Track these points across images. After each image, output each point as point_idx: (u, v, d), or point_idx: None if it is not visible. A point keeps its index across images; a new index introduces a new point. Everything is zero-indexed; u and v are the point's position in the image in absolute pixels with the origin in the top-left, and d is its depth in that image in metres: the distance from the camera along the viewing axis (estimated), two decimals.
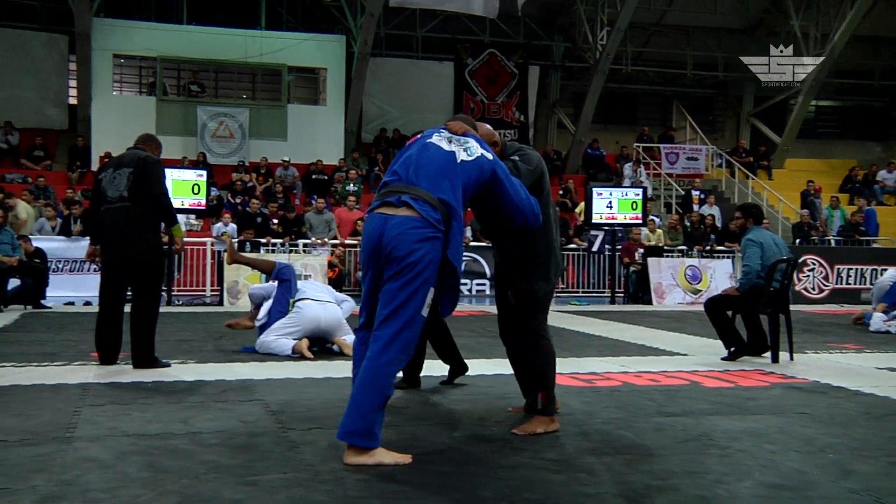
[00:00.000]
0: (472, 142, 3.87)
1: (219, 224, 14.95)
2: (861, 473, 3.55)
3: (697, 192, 19.92)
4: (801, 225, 18.13)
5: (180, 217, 8.90)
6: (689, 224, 17.19)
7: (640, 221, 14.38)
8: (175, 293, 12.92)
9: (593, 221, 14.24)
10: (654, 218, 17.08)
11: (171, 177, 10.80)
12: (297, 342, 6.83)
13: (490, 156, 3.89)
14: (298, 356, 6.70)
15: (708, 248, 16.25)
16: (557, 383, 4.41)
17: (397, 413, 4.56)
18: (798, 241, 17.37)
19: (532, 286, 4.23)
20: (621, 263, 14.89)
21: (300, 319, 6.95)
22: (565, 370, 5.93)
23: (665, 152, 22.08)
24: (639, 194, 14.30)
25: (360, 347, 3.78)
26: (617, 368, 6.48)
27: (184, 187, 11.94)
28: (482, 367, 6.42)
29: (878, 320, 9.94)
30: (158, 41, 20.04)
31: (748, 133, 25.04)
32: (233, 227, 14.80)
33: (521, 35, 23.18)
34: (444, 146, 3.80)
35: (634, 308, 13.41)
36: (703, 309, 7.59)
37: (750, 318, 7.30)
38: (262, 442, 3.90)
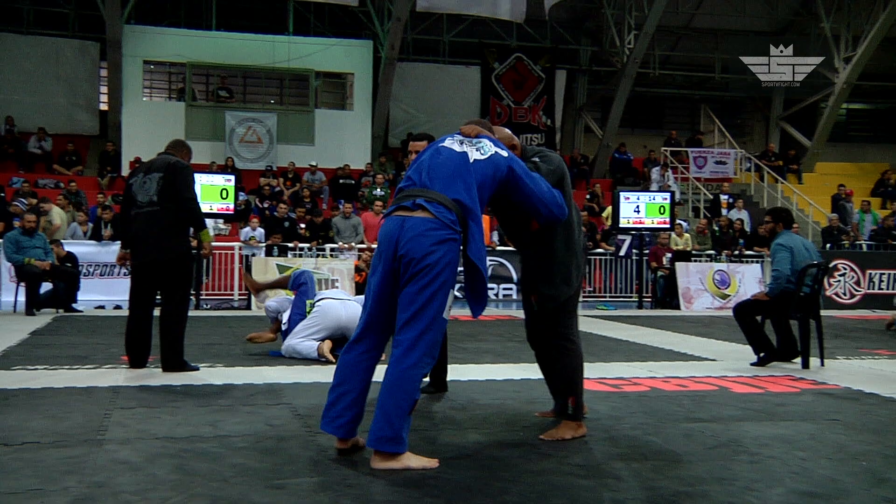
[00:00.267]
0: (484, 141, 3.87)
1: (247, 228, 15.05)
2: (895, 481, 3.49)
3: (726, 197, 19.75)
4: (831, 229, 17.93)
5: (209, 222, 8.97)
6: (717, 228, 17.06)
7: (668, 226, 14.30)
8: (203, 297, 13.02)
9: (620, 226, 14.18)
10: (682, 222, 16.97)
11: (199, 182, 10.87)
12: (321, 344, 6.85)
13: (505, 153, 3.87)
14: (325, 359, 6.73)
15: (737, 252, 16.12)
16: (585, 388, 4.39)
17: (424, 417, 4.56)
18: (828, 245, 17.19)
19: (554, 291, 4.21)
20: (649, 268, 14.80)
21: (321, 318, 6.98)
22: (593, 375, 5.90)
23: (693, 156, 21.93)
24: (666, 198, 14.22)
25: (348, 361, 3.68)
26: (645, 373, 6.44)
27: (212, 192, 12.04)
28: (509, 371, 6.41)
29: None
30: (188, 47, 20.27)
31: (777, 137, 24.81)
32: (260, 231, 14.89)
33: (547, 39, 23.16)
34: (456, 148, 3.80)
35: (662, 313, 13.32)
36: (731, 314, 7.52)
37: (780, 324, 7.23)
38: (289, 446, 3.91)
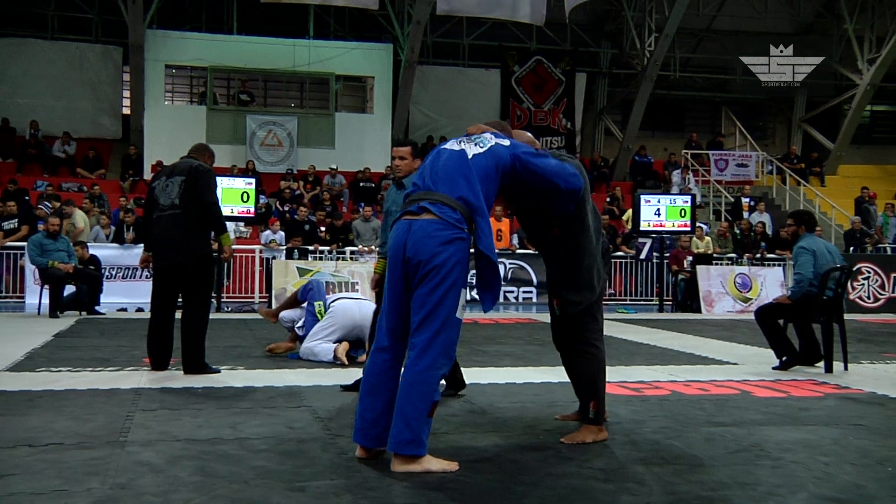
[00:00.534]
0: (485, 136, 3.88)
1: (267, 232, 15.12)
2: None
3: (747, 200, 19.62)
4: (854, 232, 17.76)
5: (229, 225, 9.01)
6: (738, 231, 16.96)
7: (689, 229, 14.22)
8: (224, 300, 13.09)
9: (641, 229, 14.12)
10: (702, 225, 16.88)
11: (220, 185, 10.89)
12: (337, 346, 6.87)
13: (506, 142, 3.87)
14: (340, 362, 6.74)
15: (758, 255, 16.00)
16: (605, 392, 4.38)
17: (444, 420, 4.56)
18: (852, 248, 17.03)
19: (576, 296, 4.20)
20: (669, 271, 14.73)
21: (336, 319, 7.01)
22: (613, 378, 5.87)
23: (714, 159, 21.81)
24: (687, 201, 14.14)
25: (373, 370, 3.69)
26: (665, 377, 6.41)
27: (233, 195, 12.10)
28: (529, 375, 6.40)
29: None
30: (209, 51, 20.40)
31: (800, 139, 24.61)
32: (281, 234, 14.95)
33: (567, 42, 23.11)
34: (455, 147, 3.83)
35: (683, 316, 13.24)
36: (753, 317, 7.47)
37: (802, 327, 7.17)
38: (310, 448, 3.93)
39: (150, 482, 3.30)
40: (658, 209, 13.87)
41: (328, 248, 14.72)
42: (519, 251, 15.05)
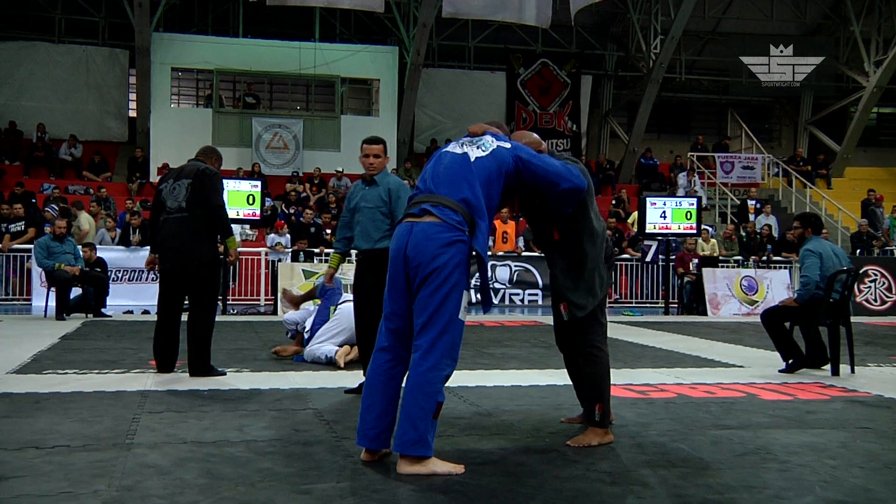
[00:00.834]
0: (486, 138, 3.89)
1: (273, 234, 15.14)
2: None
3: (753, 202, 19.59)
4: (861, 234, 17.72)
5: (235, 227, 9.03)
6: (744, 234, 16.93)
7: (695, 231, 14.20)
8: (230, 302, 13.11)
9: (647, 231, 14.10)
10: (707, 228, 16.85)
11: (226, 187, 10.92)
12: (339, 350, 6.86)
13: (508, 145, 3.88)
14: (336, 365, 6.72)
15: (764, 258, 15.97)
16: (611, 395, 4.37)
17: (450, 423, 4.55)
18: (858, 251, 16.98)
19: (582, 300, 4.20)
20: (675, 274, 14.71)
21: (341, 321, 7.01)
22: (619, 381, 5.86)
23: (720, 161, 21.78)
24: (693, 204, 14.12)
25: (375, 372, 3.72)
26: (671, 380, 6.40)
27: (239, 198, 12.11)
28: (535, 377, 6.40)
29: None
30: (215, 54, 20.46)
31: (806, 141, 24.57)
32: (287, 237, 14.97)
33: (573, 44, 23.11)
34: (458, 150, 3.84)
35: (689, 319, 13.22)
36: (759, 320, 7.45)
37: (809, 330, 7.15)
38: (316, 451, 3.93)
39: (156, 484, 3.31)
40: (664, 212, 13.85)
41: None
42: (525, 253, 15.04)
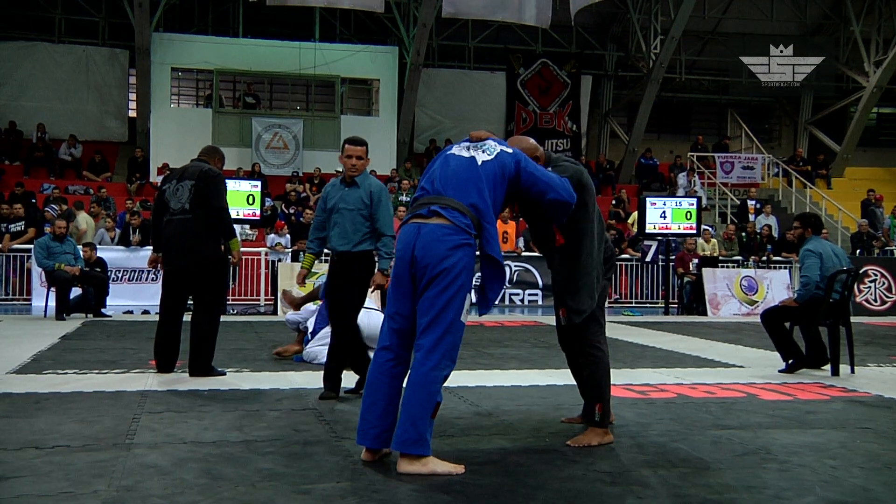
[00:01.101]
0: (489, 143, 3.92)
1: (273, 234, 15.13)
2: None
3: (753, 202, 19.59)
4: (861, 234, 17.72)
5: (235, 228, 9.00)
6: (744, 234, 16.93)
7: (695, 231, 14.20)
8: (230, 303, 13.10)
9: (647, 231, 14.10)
10: (708, 228, 16.85)
11: (228, 188, 10.97)
12: None
13: (510, 150, 3.92)
14: None
15: (764, 258, 15.97)
16: (611, 395, 4.37)
17: (450, 423, 4.56)
18: (858, 251, 16.98)
19: (580, 305, 4.21)
20: (675, 274, 14.70)
21: None
22: (619, 381, 5.86)
23: (720, 161, 21.78)
24: (693, 204, 14.12)
25: (376, 371, 3.73)
26: (671, 380, 6.40)
27: (239, 198, 12.11)
28: (535, 377, 6.40)
29: None
30: (215, 54, 20.46)
31: (806, 141, 24.57)
32: (287, 237, 14.97)
33: (573, 45, 23.11)
34: (465, 154, 3.86)
35: (689, 319, 13.22)
36: (759, 320, 7.45)
37: (809, 330, 7.15)
38: (316, 451, 3.93)
39: (156, 484, 3.31)
40: (664, 212, 13.85)
41: None
42: (524, 254, 15.04)
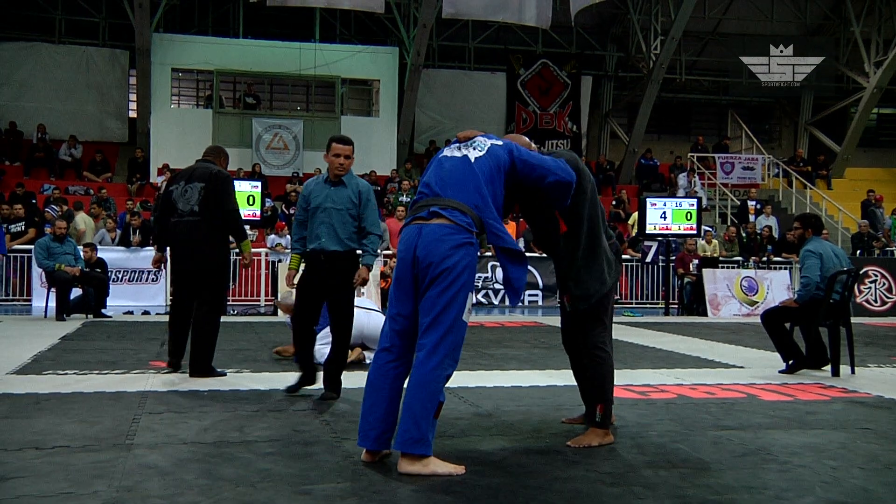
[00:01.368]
0: (479, 139, 3.94)
1: (273, 235, 15.13)
2: None
3: (753, 203, 19.59)
4: (861, 235, 17.72)
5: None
6: (745, 235, 16.92)
7: (695, 232, 14.20)
8: (230, 303, 13.10)
9: (647, 232, 14.10)
10: (709, 228, 16.85)
11: None
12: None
13: (500, 142, 3.94)
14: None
15: (765, 259, 15.97)
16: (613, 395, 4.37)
17: (451, 424, 4.55)
18: (859, 251, 16.98)
19: (584, 291, 4.20)
20: (675, 274, 14.70)
21: None
22: (619, 382, 5.84)
23: (720, 162, 21.78)
24: (693, 205, 14.12)
25: (377, 372, 3.73)
26: (672, 380, 6.40)
27: (239, 198, 11.93)
28: (536, 378, 6.40)
29: None
30: (215, 55, 20.47)
31: (806, 142, 24.57)
32: (287, 237, 14.95)
33: (573, 45, 23.12)
34: (456, 154, 3.88)
35: (689, 319, 13.22)
36: (759, 321, 7.45)
37: (809, 331, 7.15)
38: (316, 451, 3.93)
39: (156, 485, 3.31)
40: (664, 212, 13.85)
41: None
42: (525, 255, 15.02)
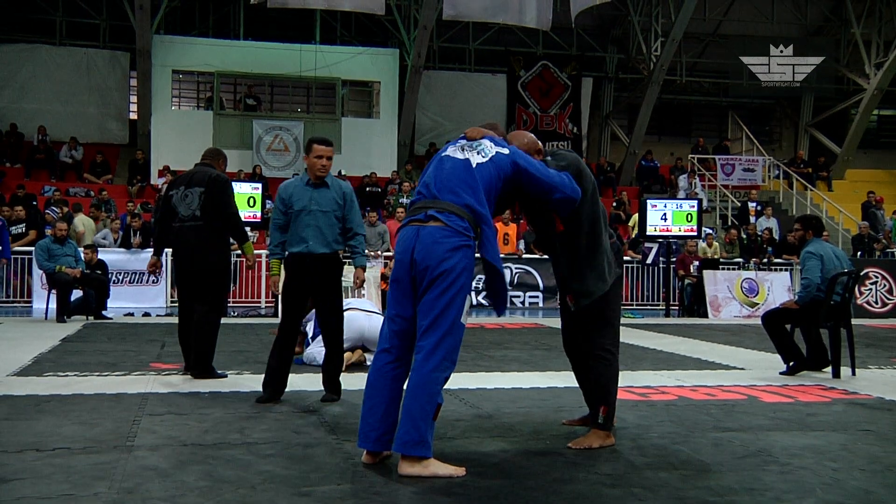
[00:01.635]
0: (485, 143, 3.92)
1: None
2: None
3: (754, 204, 19.59)
4: (862, 237, 17.72)
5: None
6: (745, 236, 16.92)
7: (695, 233, 14.19)
8: (231, 304, 13.10)
9: (647, 233, 14.09)
10: (710, 230, 16.85)
11: None
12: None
13: (506, 150, 3.92)
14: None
15: (765, 260, 15.97)
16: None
17: (451, 425, 4.55)
18: (859, 253, 16.97)
19: (585, 287, 4.20)
20: (676, 276, 14.70)
21: (344, 328, 6.97)
22: (620, 383, 5.83)
23: (721, 163, 21.78)
24: (694, 206, 14.11)
25: (377, 373, 3.75)
26: (672, 382, 6.40)
27: (240, 200, 11.98)
28: (536, 379, 6.39)
29: None
30: (216, 56, 20.47)
31: (807, 143, 24.56)
32: None
33: (574, 47, 23.12)
34: (459, 156, 3.87)
35: (689, 321, 13.21)
36: (760, 322, 7.45)
37: (809, 333, 7.15)
38: (316, 453, 3.93)
39: (157, 487, 3.31)
40: (664, 214, 13.84)
41: None
42: (525, 256, 15.03)
